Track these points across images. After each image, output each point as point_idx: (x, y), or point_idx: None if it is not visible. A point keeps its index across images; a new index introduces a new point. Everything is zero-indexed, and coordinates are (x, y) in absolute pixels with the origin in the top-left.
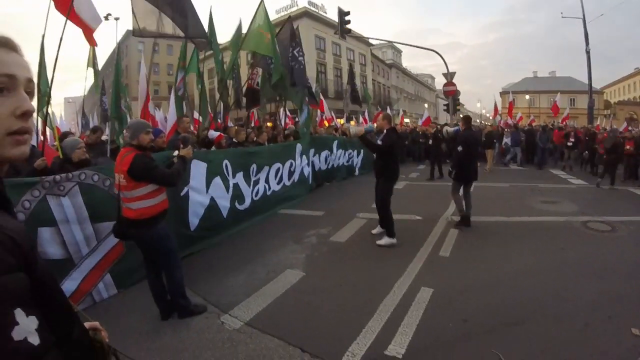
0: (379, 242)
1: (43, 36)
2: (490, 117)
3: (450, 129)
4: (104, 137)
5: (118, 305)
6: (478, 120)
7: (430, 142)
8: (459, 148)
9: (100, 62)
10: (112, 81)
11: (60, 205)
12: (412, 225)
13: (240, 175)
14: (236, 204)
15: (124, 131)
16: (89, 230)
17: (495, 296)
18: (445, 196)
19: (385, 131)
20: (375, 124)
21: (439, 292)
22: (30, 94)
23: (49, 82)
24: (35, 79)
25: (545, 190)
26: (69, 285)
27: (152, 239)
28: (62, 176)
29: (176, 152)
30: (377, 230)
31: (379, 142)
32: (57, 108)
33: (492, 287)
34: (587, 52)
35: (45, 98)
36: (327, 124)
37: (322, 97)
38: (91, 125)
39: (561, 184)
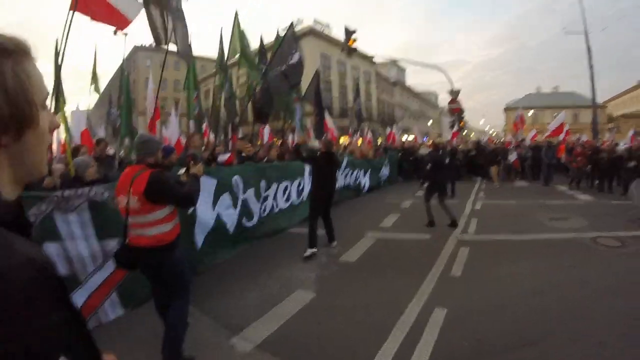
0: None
1: (59, 42)
2: (495, 133)
3: (424, 151)
4: (110, 151)
5: (124, 326)
6: (482, 138)
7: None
8: (428, 166)
9: (108, 75)
10: (123, 98)
11: (67, 221)
12: (422, 245)
13: (251, 191)
14: (244, 220)
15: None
16: (95, 247)
17: (509, 316)
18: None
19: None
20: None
21: (453, 312)
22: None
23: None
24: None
25: (553, 206)
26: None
27: (169, 265)
28: (72, 192)
29: (182, 170)
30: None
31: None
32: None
33: (506, 307)
34: (591, 67)
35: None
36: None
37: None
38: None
39: (568, 200)
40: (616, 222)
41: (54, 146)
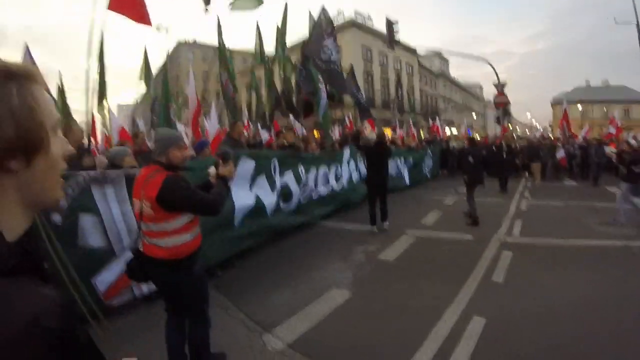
0: None
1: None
2: (541, 128)
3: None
4: (150, 144)
5: (147, 318)
6: (527, 131)
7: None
8: (470, 159)
9: (153, 71)
10: (162, 90)
11: (104, 194)
12: (463, 246)
13: (290, 174)
14: (281, 203)
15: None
16: (131, 221)
17: (551, 330)
18: (498, 214)
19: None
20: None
21: (492, 322)
22: None
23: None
24: None
25: (602, 209)
26: (106, 276)
27: (187, 284)
28: (109, 171)
29: (212, 170)
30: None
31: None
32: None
33: (548, 320)
34: None
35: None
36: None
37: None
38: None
39: None
40: None
41: (99, 139)
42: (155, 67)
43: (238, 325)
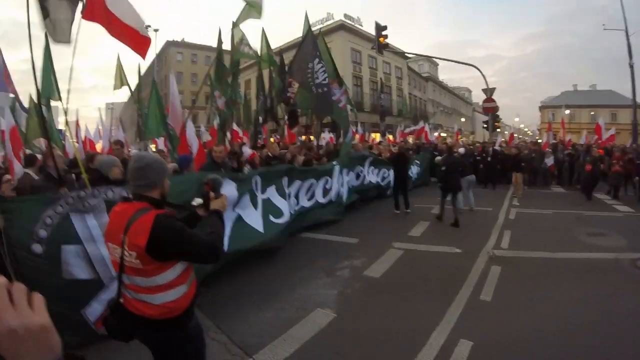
0: None
1: None
2: (530, 133)
3: (439, 158)
4: (133, 152)
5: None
6: (515, 135)
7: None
8: (443, 168)
9: (142, 71)
10: (150, 97)
11: (85, 223)
12: (451, 261)
13: (272, 189)
14: (271, 218)
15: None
16: None
17: (542, 352)
18: (487, 224)
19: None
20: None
21: (479, 345)
22: None
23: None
24: None
25: (591, 219)
26: (96, 307)
27: (182, 344)
28: (88, 192)
29: (197, 200)
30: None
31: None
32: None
33: (538, 341)
34: (631, 66)
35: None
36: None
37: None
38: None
39: (607, 212)
40: None
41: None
42: (143, 68)
43: (220, 348)
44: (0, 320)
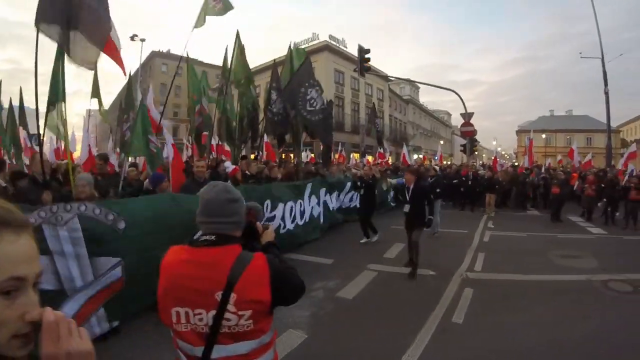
0: None
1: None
2: (507, 156)
3: (393, 181)
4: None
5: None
6: (492, 158)
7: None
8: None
9: (124, 80)
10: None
11: (57, 235)
12: (425, 283)
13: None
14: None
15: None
16: (85, 264)
17: None
18: (461, 246)
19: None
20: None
21: None
22: (37, 285)
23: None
24: None
25: (565, 241)
26: None
27: None
28: (60, 206)
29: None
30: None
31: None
32: (78, 118)
33: None
34: (606, 93)
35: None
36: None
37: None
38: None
39: (580, 234)
40: (627, 263)
41: None
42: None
43: None
44: (63, 345)
